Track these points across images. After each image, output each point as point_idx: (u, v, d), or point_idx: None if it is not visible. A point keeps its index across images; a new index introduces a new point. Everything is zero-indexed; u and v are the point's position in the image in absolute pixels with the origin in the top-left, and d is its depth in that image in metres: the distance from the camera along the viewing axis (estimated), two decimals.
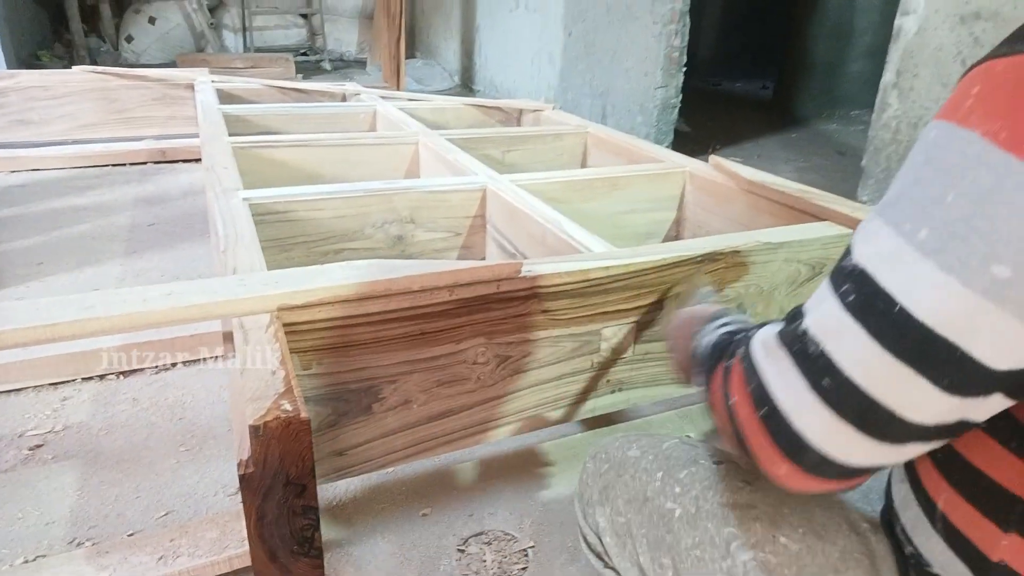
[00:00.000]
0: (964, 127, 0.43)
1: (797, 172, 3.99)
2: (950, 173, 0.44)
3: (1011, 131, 0.41)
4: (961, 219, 0.42)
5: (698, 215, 2.13)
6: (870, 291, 0.46)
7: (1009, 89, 0.42)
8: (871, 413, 0.47)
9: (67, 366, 1.70)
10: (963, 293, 0.42)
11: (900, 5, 2.63)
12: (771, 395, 0.52)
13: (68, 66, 6.10)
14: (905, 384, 0.45)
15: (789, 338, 0.52)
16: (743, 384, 0.55)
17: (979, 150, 0.42)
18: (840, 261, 0.51)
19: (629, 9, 3.94)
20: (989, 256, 0.41)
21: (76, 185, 3.22)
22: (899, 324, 0.44)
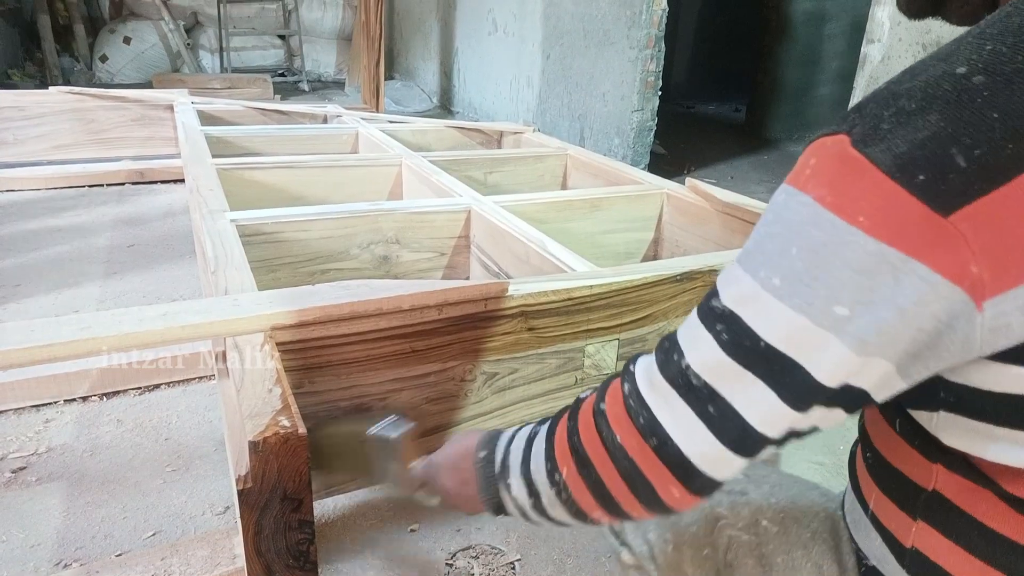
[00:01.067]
0: (802, 191, 0.51)
1: (769, 192, 4.06)
2: (792, 230, 0.52)
3: (835, 196, 0.49)
4: (804, 269, 0.50)
5: (675, 235, 2.18)
6: (739, 330, 0.54)
7: (834, 162, 0.50)
8: (745, 435, 0.55)
9: (49, 388, 1.70)
10: (811, 328, 0.50)
11: (866, 34, 2.72)
12: (662, 426, 0.58)
13: (40, 85, 6.08)
14: (770, 406, 0.53)
15: (672, 373, 0.58)
16: (628, 420, 0.60)
17: (812, 212, 0.50)
18: (708, 301, 0.57)
19: (606, 34, 4.02)
20: (830, 299, 0.49)
21: (53, 206, 3.21)
22: (766, 357, 0.52)
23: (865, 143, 0.48)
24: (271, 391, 0.96)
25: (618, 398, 0.62)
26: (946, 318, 0.47)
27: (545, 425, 0.71)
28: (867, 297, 0.48)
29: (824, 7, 5.29)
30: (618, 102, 3.99)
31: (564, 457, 0.66)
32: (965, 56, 0.48)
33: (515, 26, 5.08)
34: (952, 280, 0.46)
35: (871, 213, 0.47)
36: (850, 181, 0.48)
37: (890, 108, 0.49)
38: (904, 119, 0.47)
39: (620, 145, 4.01)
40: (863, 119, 0.50)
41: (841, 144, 0.50)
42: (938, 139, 0.46)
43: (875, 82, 2.69)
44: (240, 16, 7.37)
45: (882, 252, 0.47)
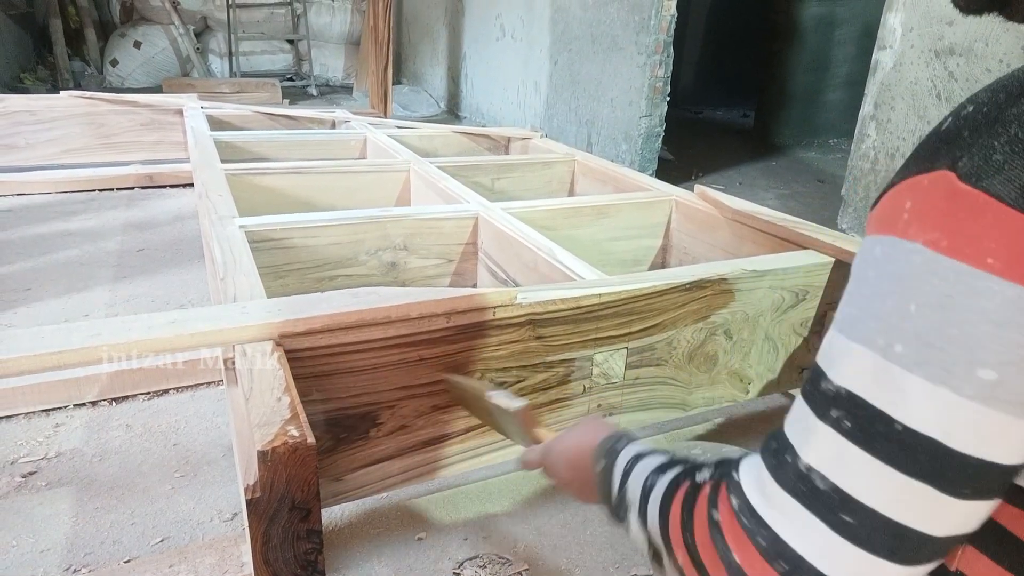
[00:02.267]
0: (906, 239, 0.45)
1: (778, 199, 4.06)
2: (905, 284, 0.45)
3: (951, 239, 0.43)
4: (932, 329, 0.43)
5: (683, 242, 2.17)
6: (865, 414, 0.46)
7: (941, 201, 0.44)
8: (902, 539, 0.46)
9: (59, 392, 1.71)
10: (958, 402, 0.43)
11: (877, 40, 2.71)
12: (790, 546, 0.48)
13: (51, 89, 6.12)
14: (929, 502, 0.45)
15: (790, 479, 0.49)
16: (748, 540, 0.51)
17: (926, 259, 0.44)
18: (815, 385, 0.50)
19: (614, 40, 4.02)
20: (972, 362, 0.42)
21: (63, 210, 3.23)
22: (907, 444, 0.44)
23: (978, 176, 0.43)
24: (280, 400, 0.96)
25: (730, 512, 0.53)
26: None
27: (662, 481, 0.63)
28: (1017, 353, 0.41)
29: (834, 12, 5.27)
30: (626, 108, 3.99)
31: (679, 545, 0.58)
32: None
33: (523, 31, 5.09)
34: None
35: (1001, 253, 0.42)
36: (967, 219, 0.43)
37: (1000, 137, 0.44)
38: (1021, 147, 0.42)
39: (628, 151, 4.01)
40: (967, 151, 0.45)
41: (945, 180, 0.44)
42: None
43: (887, 89, 2.68)
44: (249, 21, 7.41)
45: (1022, 296, 0.41)
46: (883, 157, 2.74)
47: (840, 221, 2.97)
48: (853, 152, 2.90)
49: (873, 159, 2.78)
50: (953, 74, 2.42)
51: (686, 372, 1.52)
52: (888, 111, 2.69)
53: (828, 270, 1.62)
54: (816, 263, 1.60)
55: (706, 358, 1.54)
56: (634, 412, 1.50)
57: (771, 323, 1.59)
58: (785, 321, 1.61)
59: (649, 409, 1.51)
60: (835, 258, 1.62)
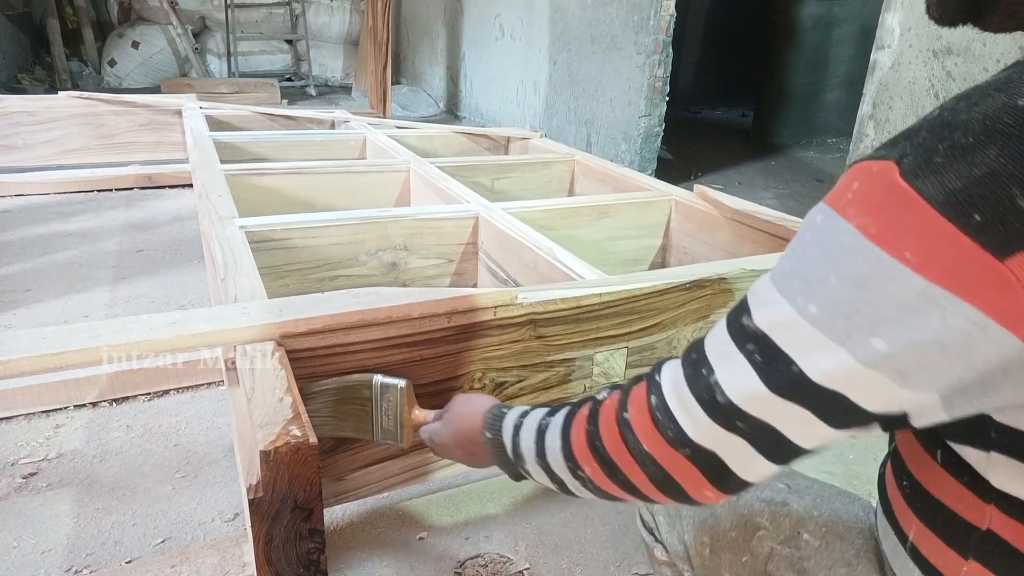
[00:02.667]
0: (843, 218, 0.50)
1: (777, 199, 4.07)
2: (832, 258, 0.50)
3: (879, 228, 0.47)
4: (844, 300, 0.49)
5: (683, 242, 2.17)
6: (772, 353, 0.53)
7: (880, 191, 0.48)
8: (777, 445, 0.55)
9: (59, 393, 1.71)
10: (849, 361, 0.49)
11: (875, 40, 2.72)
12: (690, 439, 0.58)
13: (49, 90, 6.12)
14: (806, 424, 0.53)
15: (700, 389, 0.57)
16: (656, 432, 0.60)
17: (854, 241, 0.48)
18: (739, 318, 0.57)
19: (613, 40, 4.03)
20: (870, 333, 0.48)
21: (62, 211, 3.22)
22: (798, 382, 0.52)
23: (915, 175, 0.46)
24: (282, 400, 0.96)
25: (644, 409, 0.62)
26: (998, 362, 0.45)
27: (555, 419, 0.72)
28: (909, 334, 0.47)
29: (832, 12, 5.28)
30: (625, 107, 4.00)
31: (585, 457, 0.67)
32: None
33: (522, 31, 5.09)
34: (1006, 327, 0.44)
35: (919, 249, 0.45)
36: (897, 213, 0.47)
37: (944, 141, 0.46)
38: (960, 153, 0.45)
39: (627, 151, 4.01)
40: (914, 148, 0.48)
41: (889, 172, 0.48)
42: (997, 177, 0.43)
43: (885, 88, 2.69)
44: (248, 21, 7.40)
45: (929, 291, 0.45)
46: None
47: None
48: (852, 152, 2.90)
49: None
50: (951, 74, 2.42)
51: None
52: (886, 111, 2.69)
53: None
54: None
55: None
56: None
57: None
58: None
59: None
60: None
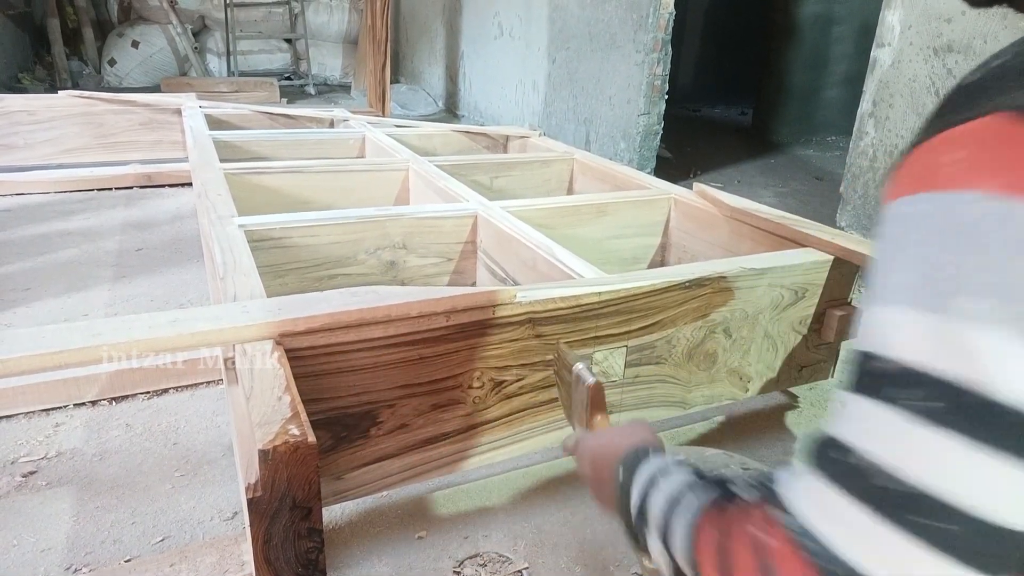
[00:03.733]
0: (966, 190, 0.40)
1: (777, 197, 4.06)
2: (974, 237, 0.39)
3: None
4: (1019, 281, 0.37)
5: (682, 240, 2.18)
6: (940, 391, 0.38)
7: (1004, 143, 0.39)
8: (988, 539, 0.38)
9: (59, 392, 1.71)
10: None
11: (876, 37, 2.72)
12: (857, 569, 0.41)
13: (49, 89, 6.12)
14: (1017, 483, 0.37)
15: (854, 482, 0.42)
16: (812, 568, 0.43)
17: (998, 206, 0.38)
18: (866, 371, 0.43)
19: (612, 38, 4.02)
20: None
21: (62, 210, 3.22)
22: (992, 415, 0.37)
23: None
24: (280, 399, 0.96)
25: (782, 535, 0.45)
26: None
27: (687, 501, 0.57)
28: None
29: (832, 10, 5.27)
30: (624, 106, 3.99)
31: (712, 570, 0.51)
32: None
33: (521, 30, 5.08)
34: None
35: None
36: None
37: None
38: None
39: (626, 149, 4.01)
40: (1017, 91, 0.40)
41: (1000, 122, 0.40)
42: None
43: (885, 86, 2.68)
44: (247, 20, 7.40)
45: None
46: (881, 155, 2.74)
47: (839, 219, 2.97)
48: (852, 150, 2.90)
49: (872, 157, 2.78)
50: (952, 71, 2.42)
51: (685, 370, 1.53)
52: (887, 108, 2.69)
53: (827, 268, 1.62)
54: (815, 261, 1.60)
55: (705, 356, 1.54)
56: (634, 410, 1.50)
57: (770, 321, 1.59)
58: (784, 319, 1.61)
59: (649, 407, 1.52)
60: (834, 256, 1.62)
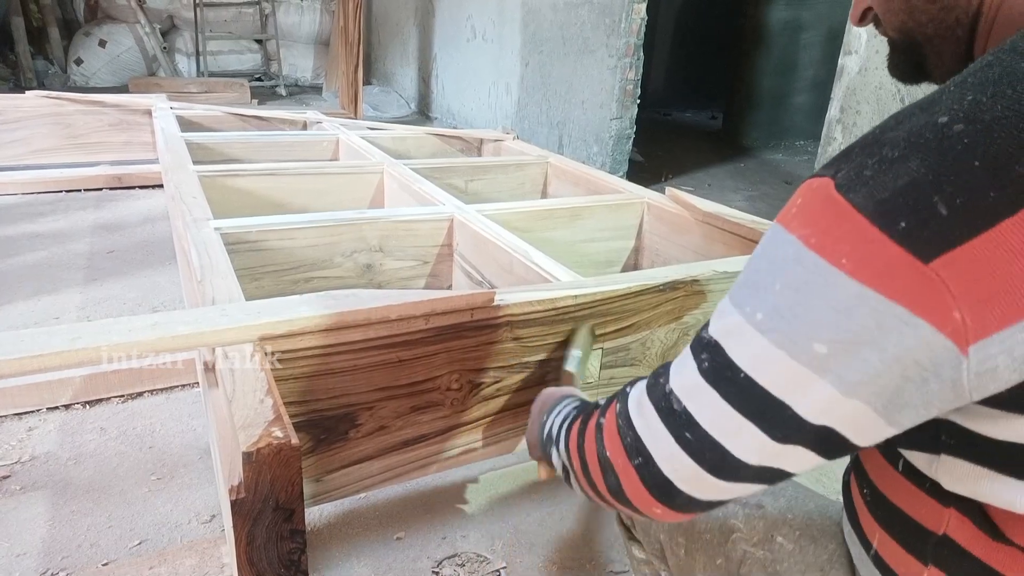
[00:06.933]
0: (788, 231, 0.53)
1: (747, 201, 4.13)
2: (776, 266, 0.53)
3: (818, 237, 0.50)
4: (787, 306, 0.52)
5: (656, 244, 2.21)
6: (721, 361, 0.56)
7: (818, 204, 0.51)
8: (724, 460, 0.56)
9: (32, 396, 1.69)
10: (792, 365, 0.51)
11: (843, 45, 2.78)
12: (644, 446, 0.61)
13: (14, 88, 6.01)
14: (748, 436, 0.54)
15: (656, 396, 0.61)
16: (618, 437, 0.64)
17: (796, 250, 0.52)
18: (700, 332, 0.60)
19: (585, 42, 4.06)
20: (810, 336, 0.50)
21: (30, 211, 3.18)
22: (744, 388, 0.54)
23: (849, 188, 0.50)
24: (263, 401, 0.97)
25: (612, 415, 0.66)
26: (931, 365, 0.47)
27: (574, 412, 0.79)
28: (847, 337, 0.49)
29: (800, 16, 5.37)
30: (597, 110, 4.03)
31: (575, 452, 0.72)
32: (946, 106, 0.49)
33: (494, 33, 5.11)
34: (935, 326, 0.46)
35: (853, 256, 0.48)
36: (833, 223, 0.50)
37: (874, 156, 0.50)
38: (886, 166, 0.49)
39: (599, 153, 4.05)
40: (848, 164, 0.51)
41: (826, 187, 0.51)
42: (919, 186, 0.47)
43: (852, 93, 2.74)
44: (217, 20, 7.34)
45: (864, 295, 0.48)
46: None
47: None
48: (820, 155, 2.96)
49: None
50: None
51: None
52: (854, 115, 2.75)
53: None
54: None
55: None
56: None
57: None
58: None
59: None
60: None
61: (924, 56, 0.66)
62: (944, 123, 0.48)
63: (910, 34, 0.65)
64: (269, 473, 0.89)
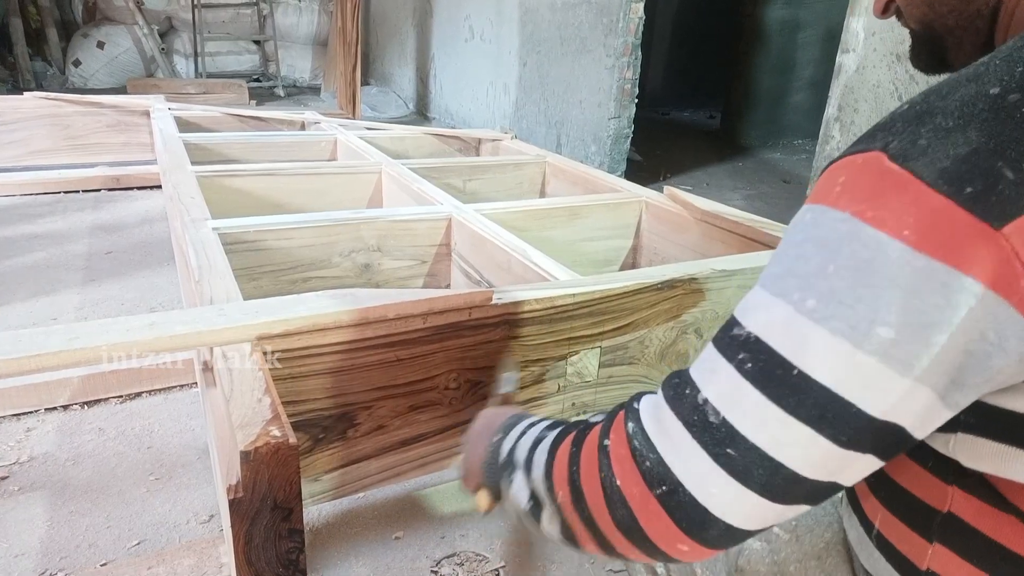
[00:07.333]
0: (836, 209, 0.49)
1: (745, 200, 4.13)
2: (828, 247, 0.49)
3: (876, 211, 0.47)
4: (844, 288, 0.47)
5: (654, 243, 2.21)
6: (767, 358, 0.50)
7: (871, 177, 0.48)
8: (775, 477, 0.50)
9: (30, 396, 1.69)
10: (855, 354, 0.47)
11: (841, 43, 2.78)
12: (670, 471, 0.53)
13: (12, 90, 6.01)
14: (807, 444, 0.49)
15: (684, 409, 0.53)
16: (632, 462, 0.55)
17: (851, 227, 0.48)
18: (727, 331, 0.54)
19: (583, 42, 4.06)
20: (873, 320, 0.46)
21: (29, 212, 3.18)
22: (799, 388, 0.48)
23: (905, 157, 0.47)
24: (260, 400, 0.97)
25: (622, 436, 0.57)
26: (997, 339, 0.45)
27: (552, 433, 0.68)
28: (915, 318, 0.46)
29: (798, 15, 5.37)
30: (595, 109, 4.03)
31: (561, 481, 0.62)
32: (996, 78, 0.48)
33: (492, 33, 5.11)
34: (1004, 296, 0.44)
35: (917, 227, 0.46)
36: (892, 195, 0.47)
37: (925, 126, 0.48)
38: (943, 135, 0.47)
39: (597, 152, 4.05)
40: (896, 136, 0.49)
41: (877, 159, 0.49)
42: (982, 153, 0.45)
43: (850, 91, 2.75)
44: (215, 21, 7.34)
45: (931, 267, 0.45)
46: None
47: None
48: (818, 153, 2.96)
49: None
50: (914, 77, 2.48)
51: (658, 370, 1.55)
52: (851, 113, 2.75)
53: None
54: None
55: (677, 356, 1.57)
56: None
57: None
58: None
59: None
60: None
61: (945, 47, 0.65)
62: (997, 93, 0.47)
63: (931, 26, 0.65)
64: (267, 472, 0.89)
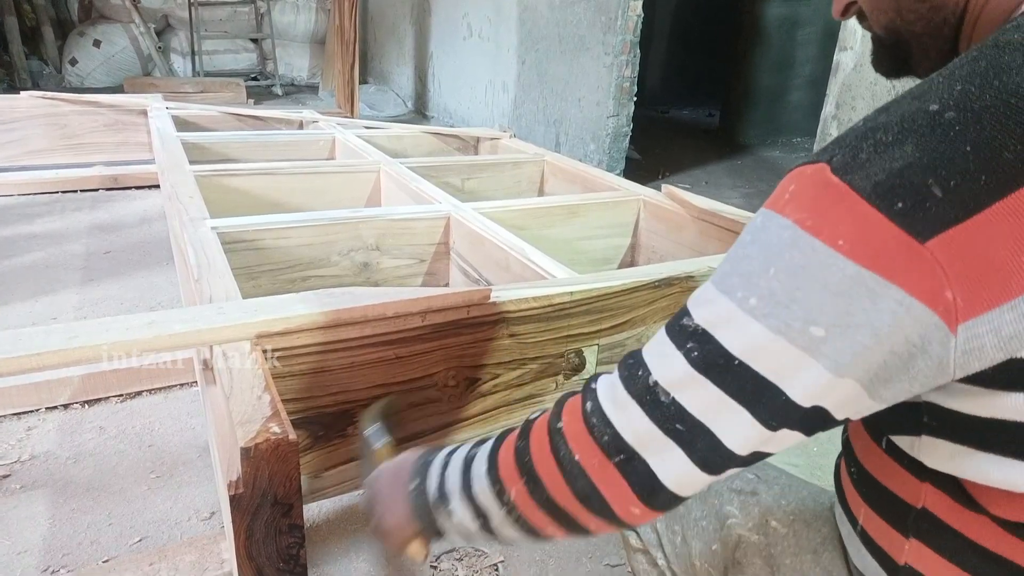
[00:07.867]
0: (781, 215, 0.53)
1: (743, 198, 4.14)
2: (771, 251, 0.53)
3: (815, 220, 0.51)
4: (782, 290, 0.52)
5: (652, 241, 2.22)
6: (712, 349, 0.55)
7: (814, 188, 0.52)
8: (714, 451, 0.56)
9: (30, 395, 1.70)
10: (788, 349, 0.51)
11: (839, 41, 2.79)
12: (626, 443, 0.58)
13: (8, 89, 6.01)
14: (745, 424, 0.54)
15: (637, 390, 0.59)
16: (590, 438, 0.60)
17: (792, 234, 0.52)
18: (678, 320, 0.58)
19: (581, 40, 4.07)
20: (807, 320, 0.51)
21: (26, 212, 3.18)
22: (738, 375, 0.53)
23: (845, 171, 0.50)
24: (260, 398, 0.98)
25: (578, 416, 0.62)
26: (920, 342, 0.49)
27: (483, 447, 0.72)
28: (844, 320, 0.50)
29: (797, 13, 5.38)
30: (593, 108, 4.04)
31: (512, 477, 0.66)
32: (937, 95, 0.50)
33: (490, 31, 5.11)
34: (927, 304, 0.47)
35: (850, 237, 0.49)
36: (830, 206, 0.50)
37: (868, 140, 0.51)
38: (881, 149, 0.50)
39: (595, 151, 4.06)
40: (842, 150, 0.52)
41: (821, 171, 0.52)
42: (915, 169, 0.48)
43: (848, 89, 2.76)
44: (212, 19, 7.33)
45: (860, 275, 0.49)
46: None
47: None
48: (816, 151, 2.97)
49: None
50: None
51: None
52: (849, 111, 2.76)
53: None
54: None
55: None
56: None
57: None
58: None
59: None
60: None
61: (910, 53, 0.67)
62: (936, 110, 0.49)
63: (898, 32, 0.66)
64: (267, 468, 0.90)
